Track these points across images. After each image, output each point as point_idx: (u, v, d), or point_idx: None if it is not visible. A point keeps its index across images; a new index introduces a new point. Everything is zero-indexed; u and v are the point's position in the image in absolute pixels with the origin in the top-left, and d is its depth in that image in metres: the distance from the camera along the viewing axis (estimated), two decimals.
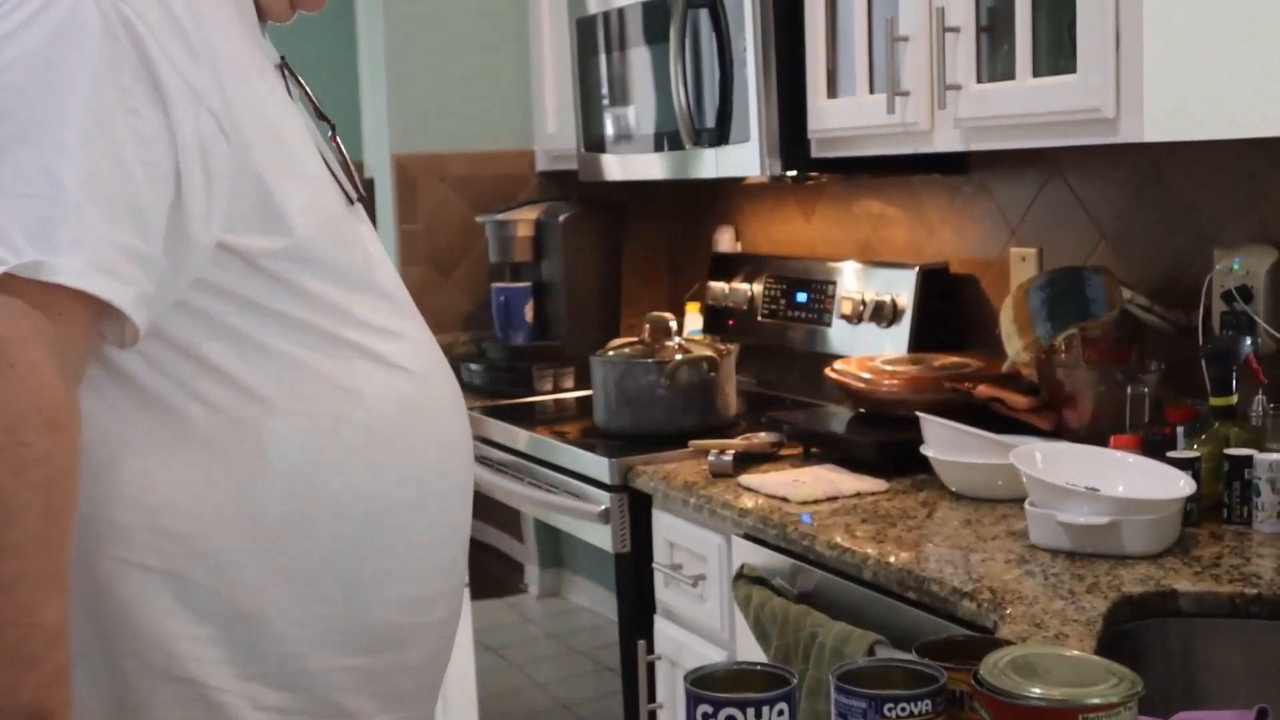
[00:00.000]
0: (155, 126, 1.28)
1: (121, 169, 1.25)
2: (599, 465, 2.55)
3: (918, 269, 2.76)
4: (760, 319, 3.18)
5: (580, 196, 3.53)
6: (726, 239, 3.48)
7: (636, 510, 2.50)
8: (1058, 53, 2.03)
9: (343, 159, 1.56)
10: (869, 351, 2.72)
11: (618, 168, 3.09)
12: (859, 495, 2.19)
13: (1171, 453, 1.94)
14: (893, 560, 1.85)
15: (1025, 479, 1.88)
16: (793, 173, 2.61)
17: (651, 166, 2.95)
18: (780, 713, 1.05)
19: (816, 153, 2.55)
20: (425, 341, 1.54)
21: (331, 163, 1.51)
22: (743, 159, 2.63)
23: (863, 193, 3.05)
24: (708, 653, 2.33)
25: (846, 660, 1.75)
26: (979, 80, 2.14)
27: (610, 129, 3.08)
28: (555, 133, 3.54)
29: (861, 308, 2.85)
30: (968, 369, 2.42)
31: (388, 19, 3.58)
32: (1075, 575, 1.73)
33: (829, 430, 2.50)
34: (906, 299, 2.76)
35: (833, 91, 2.49)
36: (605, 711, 2.64)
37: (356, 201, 1.53)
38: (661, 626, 2.47)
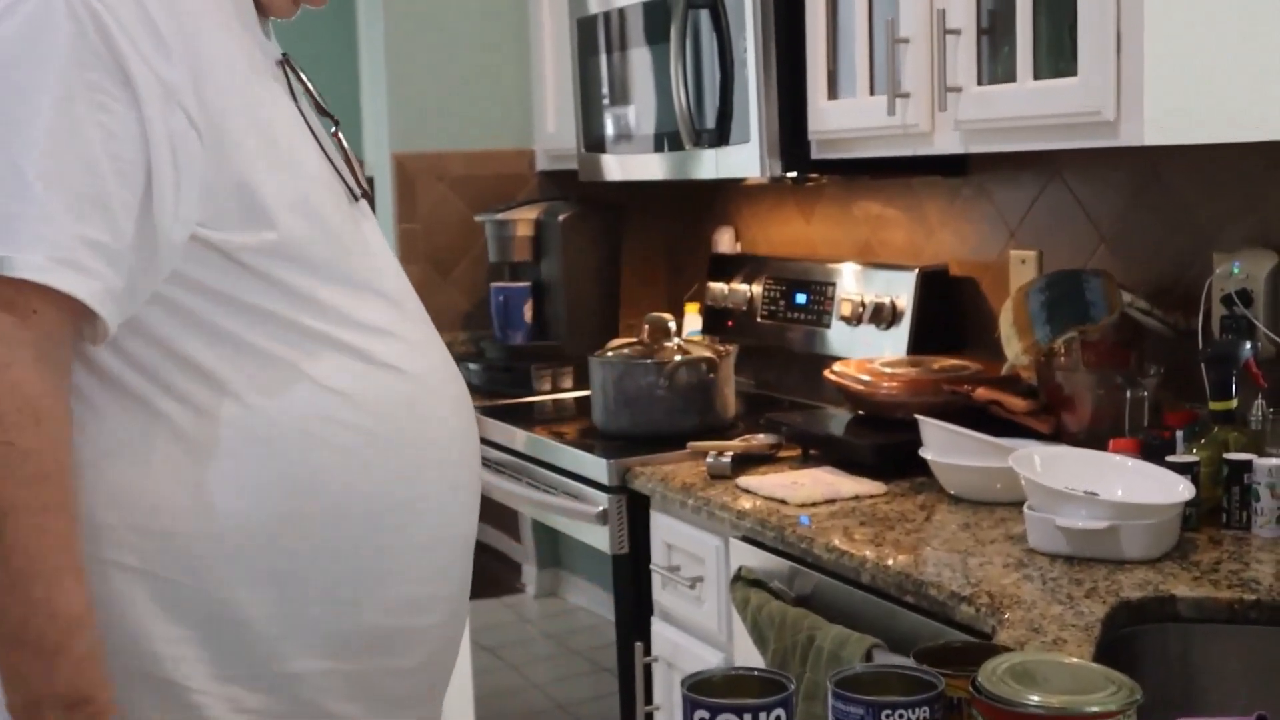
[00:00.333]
0: (124, 121, 1.27)
1: (88, 164, 1.25)
2: (597, 466, 2.55)
3: (917, 271, 2.76)
4: (759, 320, 3.17)
5: (580, 196, 3.52)
6: (726, 240, 3.48)
7: (634, 511, 2.50)
8: (1058, 55, 2.03)
9: (346, 155, 1.55)
10: (868, 353, 2.72)
11: (617, 168, 3.08)
12: (857, 498, 2.18)
13: (1171, 457, 1.94)
14: (891, 563, 1.84)
15: (1024, 483, 1.87)
16: (793, 174, 2.61)
17: (651, 167, 2.94)
18: (777, 718, 1.05)
19: (816, 154, 2.55)
20: (424, 342, 1.52)
21: (335, 159, 1.50)
22: (743, 160, 2.62)
23: (862, 194, 3.05)
24: (705, 655, 2.32)
25: (844, 664, 1.75)
26: (979, 82, 2.14)
27: (610, 129, 3.08)
28: (555, 132, 3.54)
29: (861, 309, 2.84)
30: (967, 371, 2.42)
31: (388, 17, 3.58)
32: (1074, 580, 1.73)
33: (827, 432, 2.50)
34: (906, 301, 2.76)
35: (833, 93, 2.49)
36: (602, 712, 2.64)
37: (360, 198, 1.52)
38: (659, 628, 2.47)
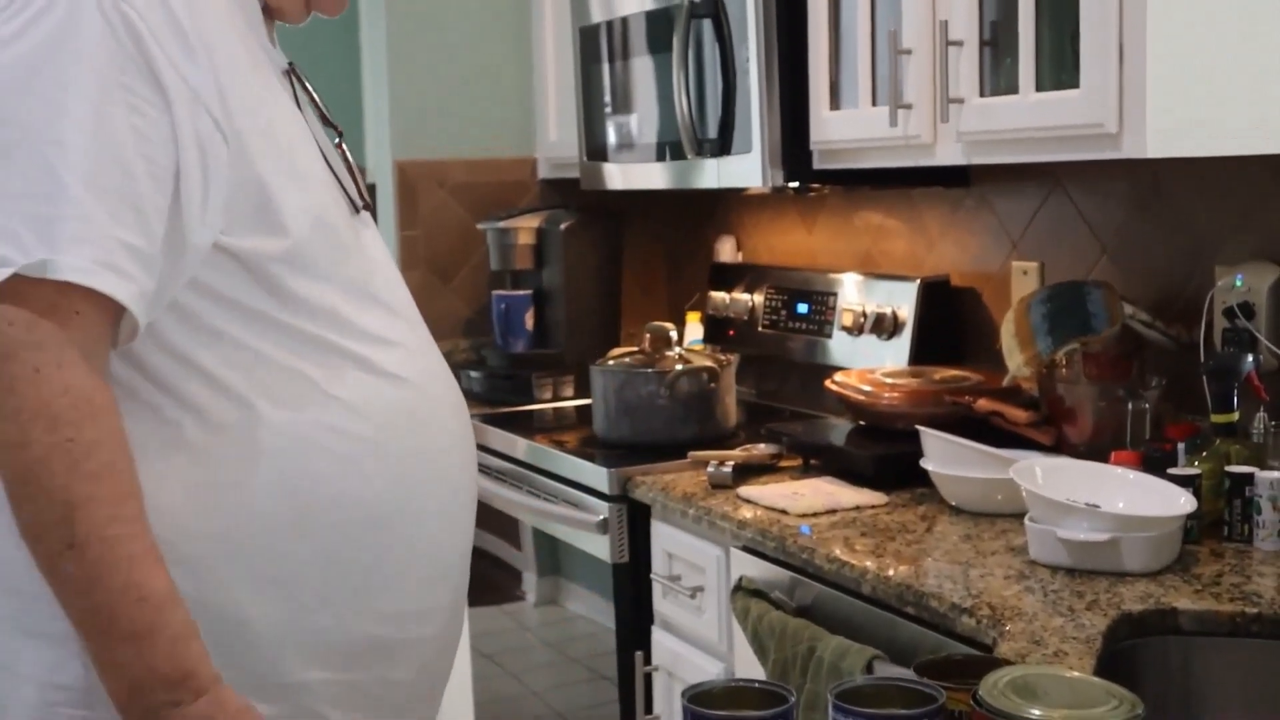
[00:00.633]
0: (156, 125, 1.28)
1: (123, 167, 1.26)
2: (598, 475, 2.55)
3: (918, 281, 2.76)
4: (761, 330, 3.18)
5: (581, 205, 3.52)
6: (727, 249, 3.48)
7: (635, 520, 2.50)
8: (1061, 67, 2.03)
9: (349, 166, 1.55)
10: (869, 363, 2.72)
11: (619, 177, 3.09)
12: (858, 508, 2.18)
13: (1172, 469, 1.93)
14: (891, 574, 1.84)
15: (1025, 494, 1.87)
16: (794, 184, 2.61)
17: (653, 176, 2.94)
18: None
19: (818, 164, 2.55)
20: (424, 351, 1.52)
21: (337, 169, 1.50)
22: (744, 170, 2.62)
23: (864, 204, 3.05)
24: (705, 665, 2.32)
25: (845, 675, 1.75)
26: (982, 94, 2.14)
27: (612, 138, 3.08)
28: (557, 140, 3.54)
29: (862, 319, 2.84)
30: (968, 382, 2.42)
31: (390, 23, 3.58)
32: (1075, 592, 1.73)
33: (828, 442, 2.50)
34: (907, 311, 2.76)
35: (835, 103, 2.49)
36: None
37: (362, 209, 1.53)
38: (659, 637, 2.47)
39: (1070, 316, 2.25)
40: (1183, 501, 1.85)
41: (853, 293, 2.92)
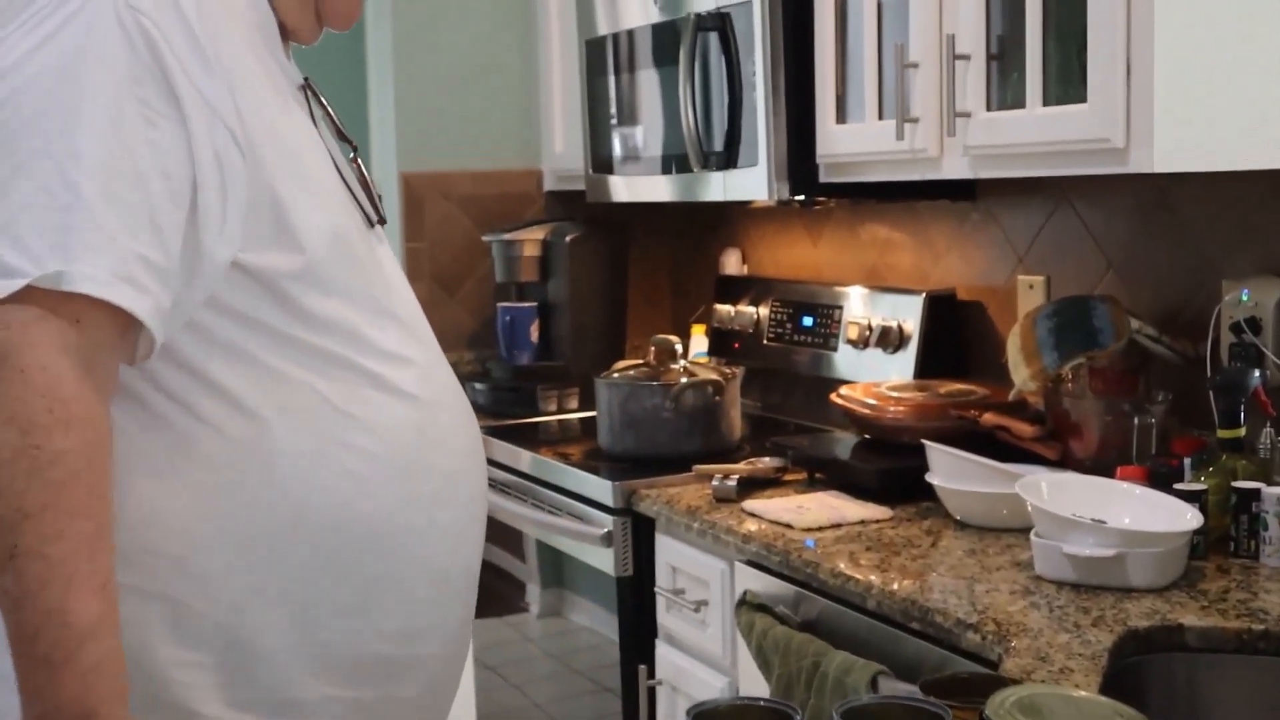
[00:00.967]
0: (173, 139, 1.28)
1: (139, 180, 1.25)
2: (602, 488, 2.55)
3: (924, 295, 2.76)
4: (766, 342, 3.17)
5: (587, 217, 3.52)
6: (733, 261, 3.48)
7: (639, 534, 2.50)
8: (1068, 82, 2.02)
9: (364, 180, 1.55)
10: (874, 377, 2.72)
11: (625, 189, 3.08)
12: (863, 522, 2.18)
13: (1178, 485, 1.93)
14: (896, 589, 1.84)
15: (1031, 509, 1.87)
16: (800, 197, 2.61)
17: (659, 189, 2.94)
18: None
19: (824, 177, 2.55)
20: (437, 368, 1.52)
21: (352, 184, 1.50)
22: (750, 183, 2.62)
23: (869, 218, 3.05)
24: (709, 679, 2.31)
25: (849, 691, 1.75)
26: (989, 108, 2.13)
27: (618, 150, 3.08)
28: (563, 153, 3.54)
29: (868, 333, 2.84)
30: (974, 396, 2.41)
31: (396, 35, 3.59)
32: (1081, 608, 1.72)
33: (833, 456, 2.49)
34: (913, 325, 2.76)
35: (842, 117, 2.49)
36: None
37: (377, 224, 1.52)
38: (663, 651, 2.46)
39: (1076, 331, 2.24)
40: (1189, 517, 1.84)
41: (858, 306, 2.91)
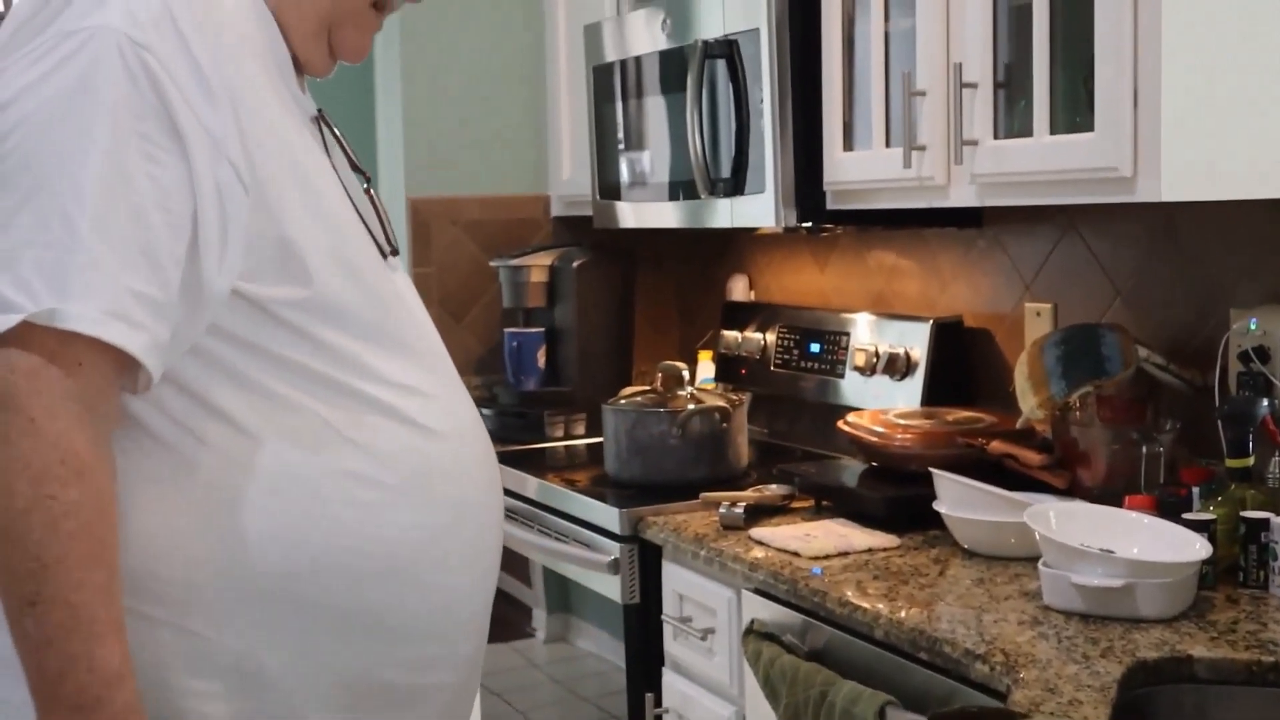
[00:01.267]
0: (174, 174, 1.29)
1: (138, 216, 1.26)
2: (609, 515, 2.54)
3: (931, 322, 2.75)
4: (773, 369, 3.17)
5: (594, 243, 3.53)
6: (740, 288, 3.48)
7: (646, 561, 2.49)
8: (1075, 110, 2.03)
9: (378, 212, 1.55)
10: (881, 404, 2.71)
11: (632, 215, 3.09)
12: (870, 550, 2.17)
13: (1187, 514, 1.92)
14: (904, 618, 1.83)
15: (1039, 539, 1.86)
16: (807, 224, 2.61)
17: (666, 215, 2.94)
18: None
19: (832, 204, 2.55)
20: (455, 401, 1.51)
21: (366, 215, 1.50)
22: (758, 210, 2.62)
23: (876, 245, 3.05)
24: (716, 708, 2.31)
25: None
26: (996, 136, 2.13)
27: (625, 177, 3.08)
28: (570, 179, 3.54)
29: (875, 360, 2.83)
30: (981, 424, 2.41)
31: (405, 60, 3.60)
32: (1089, 638, 1.71)
33: (841, 484, 2.49)
34: (920, 352, 2.75)
35: (849, 144, 2.49)
36: None
37: (391, 254, 1.53)
38: (670, 679, 2.45)
39: (1084, 359, 2.24)
40: (1198, 547, 1.83)
41: (865, 333, 2.91)
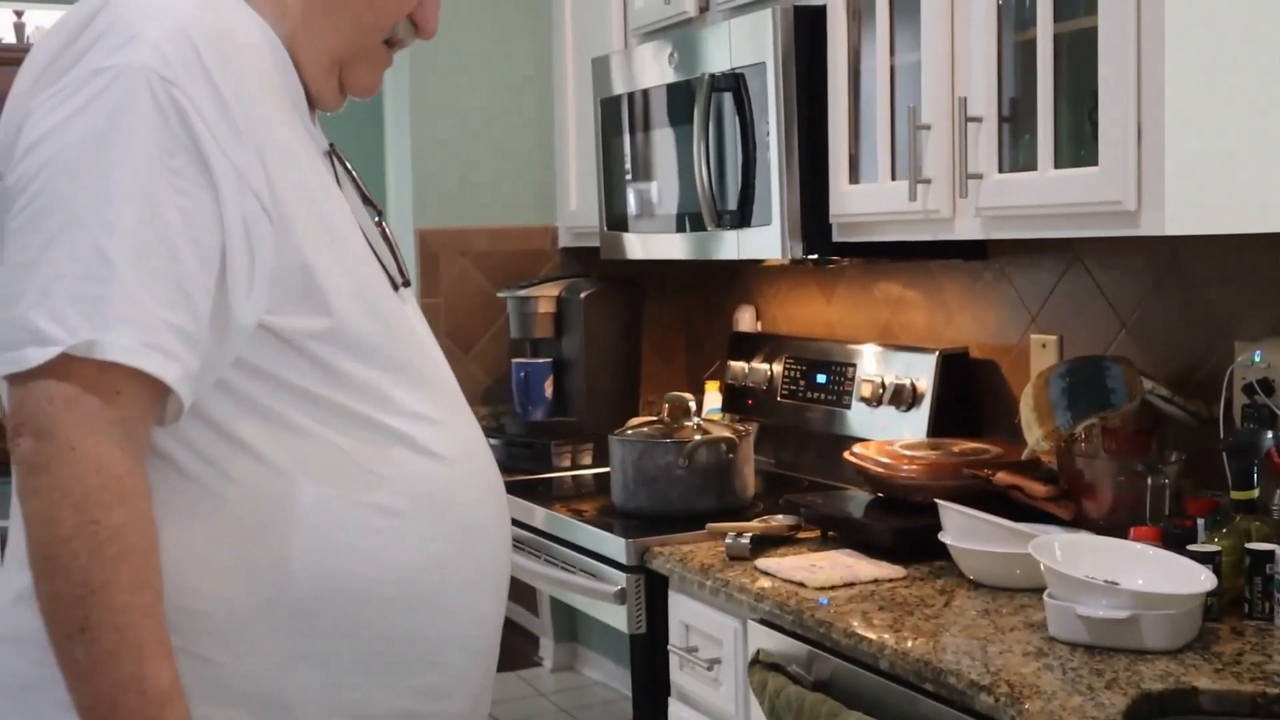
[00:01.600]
0: (203, 207, 1.31)
1: (170, 249, 1.28)
2: (616, 545, 2.55)
3: (937, 354, 2.76)
4: (779, 399, 3.18)
5: (601, 274, 3.55)
6: (747, 318, 3.49)
7: (653, 591, 2.50)
8: (1079, 144, 2.04)
9: (389, 244, 1.57)
10: (888, 435, 2.72)
11: (639, 246, 3.11)
12: (876, 581, 2.18)
13: (1192, 546, 1.93)
14: (910, 649, 1.83)
15: (1044, 570, 1.87)
16: (814, 256, 2.62)
17: (673, 246, 2.96)
18: None
19: (838, 237, 2.56)
20: (464, 428, 1.53)
21: (378, 247, 1.52)
22: (764, 241, 2.64)
23: (882, 276, 3.06)
24: None
25: None
26: (1000, 170, 2.15)
27: (633, 208, 3.10)
28: (577, 210, 3.57)
29: (881, 391, 2.84)
30: (987, 455, 2.42)
31: (413, 92, 3.62)
32: (1094, 670, 1.72)
33: (847, 514, 2.49)
34: (926, 383, 2.76)
35: (854, 177, 2.51)
36: None
37: (403, 286, 1.55)
38: (675, 709, 2.46)
39: (1089, 391, 2.25)
40: (1203, 579, 1.84)
41: (871, 364, 2.92)
